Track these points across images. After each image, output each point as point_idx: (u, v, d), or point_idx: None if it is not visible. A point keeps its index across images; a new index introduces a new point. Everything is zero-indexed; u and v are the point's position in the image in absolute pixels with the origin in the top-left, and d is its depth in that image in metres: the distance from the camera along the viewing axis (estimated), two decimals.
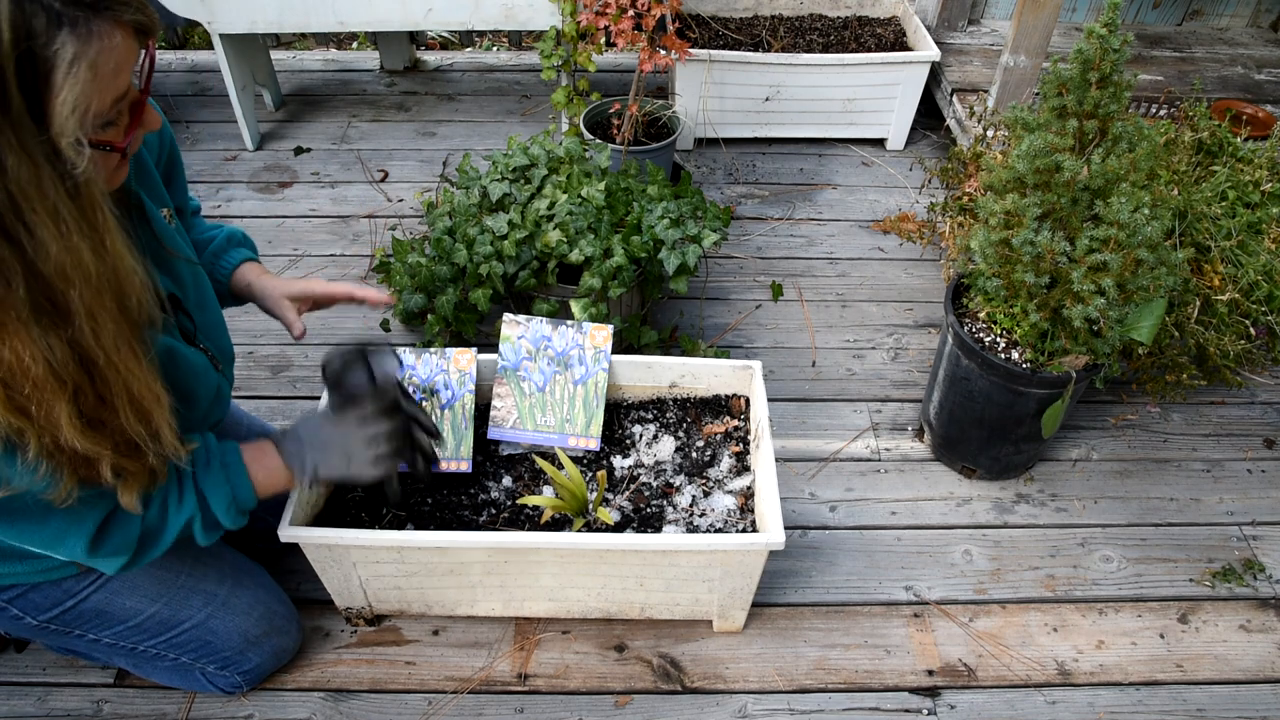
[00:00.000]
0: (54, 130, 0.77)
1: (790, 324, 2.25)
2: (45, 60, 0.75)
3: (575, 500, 1.44)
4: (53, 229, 0.79)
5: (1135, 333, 1.50)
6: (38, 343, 0.82)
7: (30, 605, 1.21)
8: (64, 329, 0.84)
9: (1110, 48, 1.37)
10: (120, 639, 1.30)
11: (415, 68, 3.25)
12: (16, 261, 0.78)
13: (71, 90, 0.77)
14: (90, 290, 0.84)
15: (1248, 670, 1.57)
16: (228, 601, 1.35)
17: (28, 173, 0.76)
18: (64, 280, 0.81)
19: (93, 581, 1.24)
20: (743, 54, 2.64)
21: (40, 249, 0.79)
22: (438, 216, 1.97)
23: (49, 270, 0.80)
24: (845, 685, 1.53)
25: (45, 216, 0.78)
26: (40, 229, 0.78)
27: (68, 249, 0.80)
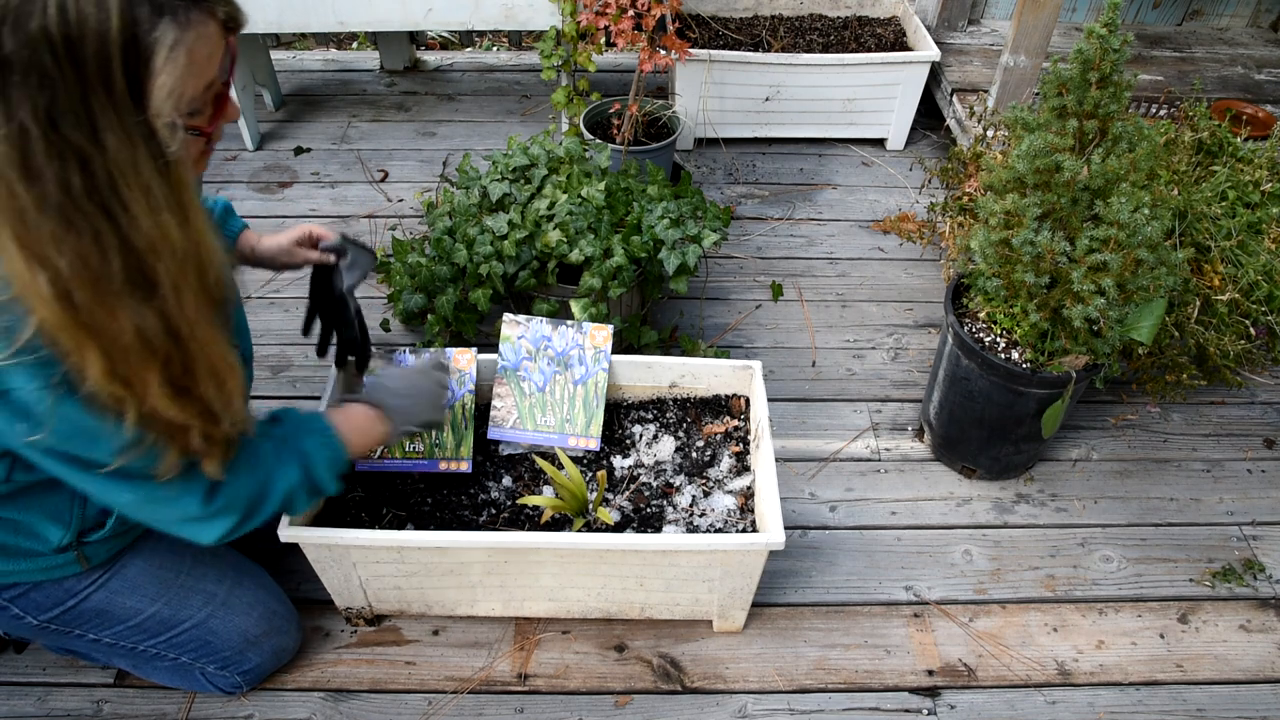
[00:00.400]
0: (151, 112, 0.82)
1: (790, 324, 2.25)
2: (147, 46, 0.80)
3: (575, 500, 1.44)
4: (145, 205, 0.84)
5: (1135, 333, 1.50)
6: (132, 313, 0.87)
7: (32, 605, 1.22)
8: (153, 301, 0.89)
9: (1110, 48, 1.37)
10: (120, 639, 1.30)
11: (415, 68, 3.25)
12: (113, 235, 0.83)
13: (169, 74, 0.82)
14: (176, 264, 0.89)
15: (1248, 670, 1.57)
16: (227, 601, 1.35)
17: (126, 151, 0.81)
18: (153, 254, 0.87)
19: (94, 581, 1.24)
20: (743, 54, 2.64)
21: (133, 223, 0.84)
22: (438, 216, 1.97)
23: (140, 244, 0.85)
24: (845, 685, 1.53)
25: (139, 193, 0.83)
26: (134, 204, 0.83)
27: (158, 224, 0.86)
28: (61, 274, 0.82)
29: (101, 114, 0.79)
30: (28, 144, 0.78)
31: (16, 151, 0.78)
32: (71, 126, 0.78)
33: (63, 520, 1.15)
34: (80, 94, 0.78)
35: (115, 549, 1.26)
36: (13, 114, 0.77)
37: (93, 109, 0.79)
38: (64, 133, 0.78)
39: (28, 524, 1.14)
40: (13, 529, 1.14)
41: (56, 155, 0.78)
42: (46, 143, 0.78)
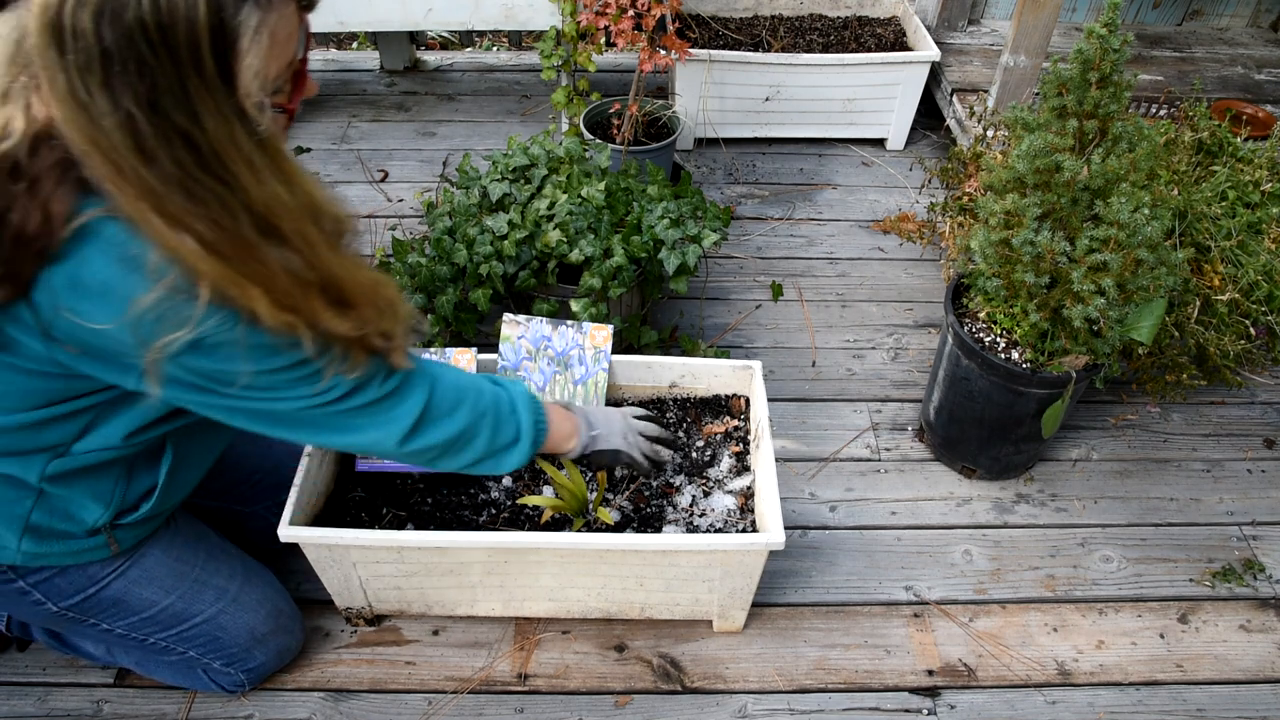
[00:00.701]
0: (240, 93, 0.87)
1: (790, 324, 2.25)
2: (233, 29, 0.84)
3: (575, 500, 1.44)
4: (251, 176, 0.91)
5: (1135, 333, 1.50)
6: (275, 257, 0.95)
7: (55, 590, 1.22)
8: (289, 248, 0.96)
9: (1110, 48, 1.37)
10: (133, 630, 1.31)
11: (415, 68, 3.25)
12: (233, 199, 0.90)
13: (255, 56, 0.87)
14: (293, 220, 0.96)
15: (1248, 670, 1.57)
16: (238, 597, 1.36)
17: (224, 130, 0.87)
18: (272, 214, 0.94)
19: (115, 569, 1.25)
20: (743, 54, 2.64)
21: (245, 191, 0.91)
22: (438, 216, 1.96)
23: (258, 205, 0.92)
24: (845, 685, 1.53)
25: (243, 166, 0.90)
26: (241, 176, 0.90)
27: (265, 191, 0.93)
28: (205, 235, 0.89)
29: (197, 96, 0.84)
30: (137, 129, 0.83)
31: (129, 136, 0.83)
32: (172, 109, 0.84)
33: (104, 500, 1.17)
34: (176, 78, 0.83)
35: (142, 535, 1.27)
36: (119, 102, 0.82)
37: (189, 92, 0.84)
38: (167, 115, 0.84)
39: (68, 503, 1.15)
40: (49, 509, 1.15)
41: (164, 137, 0.84)
42: (153, 126, 0.83)
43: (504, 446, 1.24)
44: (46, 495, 1.14)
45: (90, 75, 0.81)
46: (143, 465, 1.20)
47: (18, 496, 1.13)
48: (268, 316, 0.96)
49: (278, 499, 1.40)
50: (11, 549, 1.15)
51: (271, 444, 1.58)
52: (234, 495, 1.52)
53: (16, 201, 0.88)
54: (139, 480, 1.20)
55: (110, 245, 0.90)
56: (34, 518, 1.14)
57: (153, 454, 1.21)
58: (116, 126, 0.83)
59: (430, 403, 1.16)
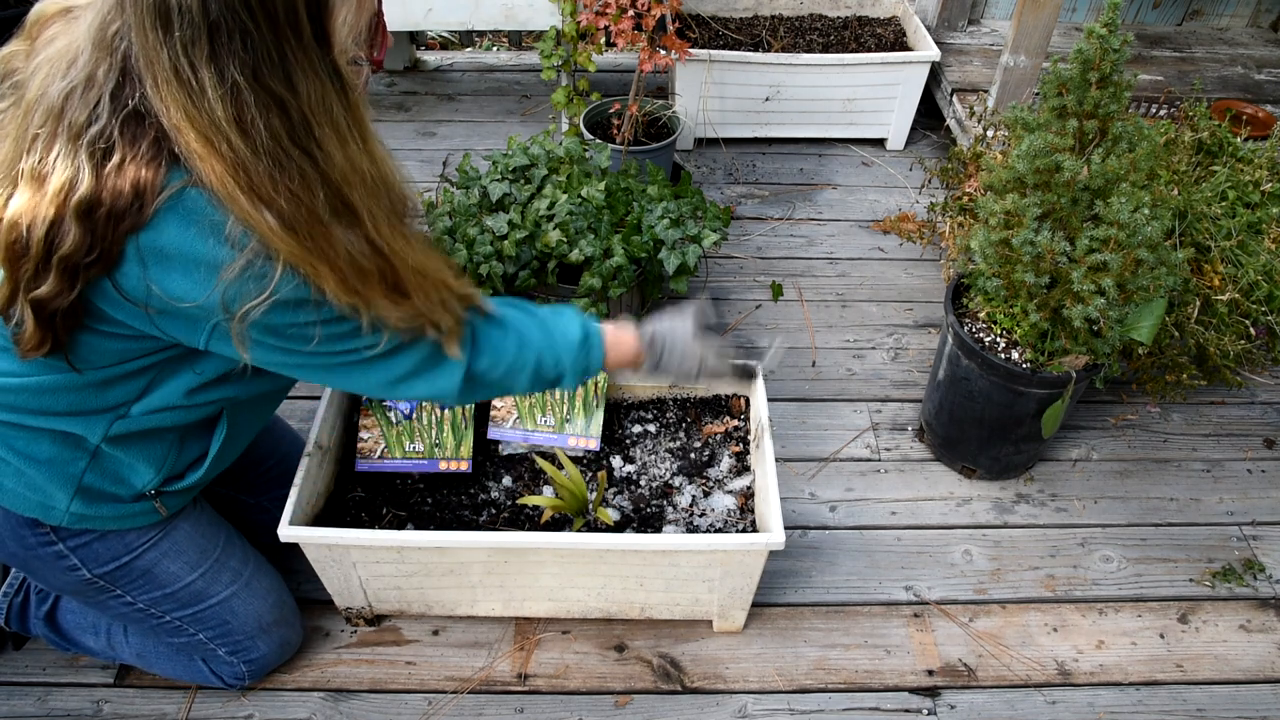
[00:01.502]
0: (335, 51, 0.89)
1: (790, 324, 2.25)
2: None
3: (575, 500, 1.44)
4: (335, 140, 0.92)
5: (1135, 333, 1.50)
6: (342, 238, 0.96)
7: (92, 556, 1.23)
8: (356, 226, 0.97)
9: (1110, 48, 1.37)
10: (154, 605, 1.32)
11: (415, 68, 3.25)
12: (314, 171, 0.92)
13: (345, 9, 0.89)
14: (366, 190, 0.97)
15: (1248, 670, 1.57)
16: (250, 583, 1.38)
17: (317, 91, 0.89)
18: (347, 184, 0.95)
19: (150, 539, 1.27)
20: (743, 54, 2.64)
21: (328, 159, 0.92)
22: (438, 216, 1.96)
23: (336, 177, 0.94)
24: (845, 685, 1.53)
25: (330, 130, 0.92)
26: (327, 141, 0.92)
27: (347, 156, 0.94)
28: (284, 211, 0.90)
29: (294, 60, 0.86)
30: (240, 99, 0.85)
31: (233, 107, 0.85)
32: (270, 77, 0.86)
33: (156, 464, 1.19)
34: (275, 44, 0.85)
35: (182, 504, 1.29)
36: (225, 74, 0.84)
37: (286, 57, 0.86)
38: (266, 83, 0.86)
39: (120, 465, 1.16)
40: (101, 471, 1.16)
41: (262, 106, 0.86)
42: (254, 95, 0.85)
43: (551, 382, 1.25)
44: (101, 456, 1.15)
45: (196, 50, 0.83)
46: (195, 434, 1.22)
47: (74, 457, 1.14)
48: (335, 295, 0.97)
49: (282, 492, 1.41)
50: (61, 509, 1.16)
51: (281, 435, 1.59)
52: (243, 482, 1.52)
53: (108, 180, 0.89)
54: (190, 448, 1.22)
55: (193, 214, 0.91)
56: (87, 478, 1.15)
57: (208, 423, 1.22)
58: (219, 99, 0.85)
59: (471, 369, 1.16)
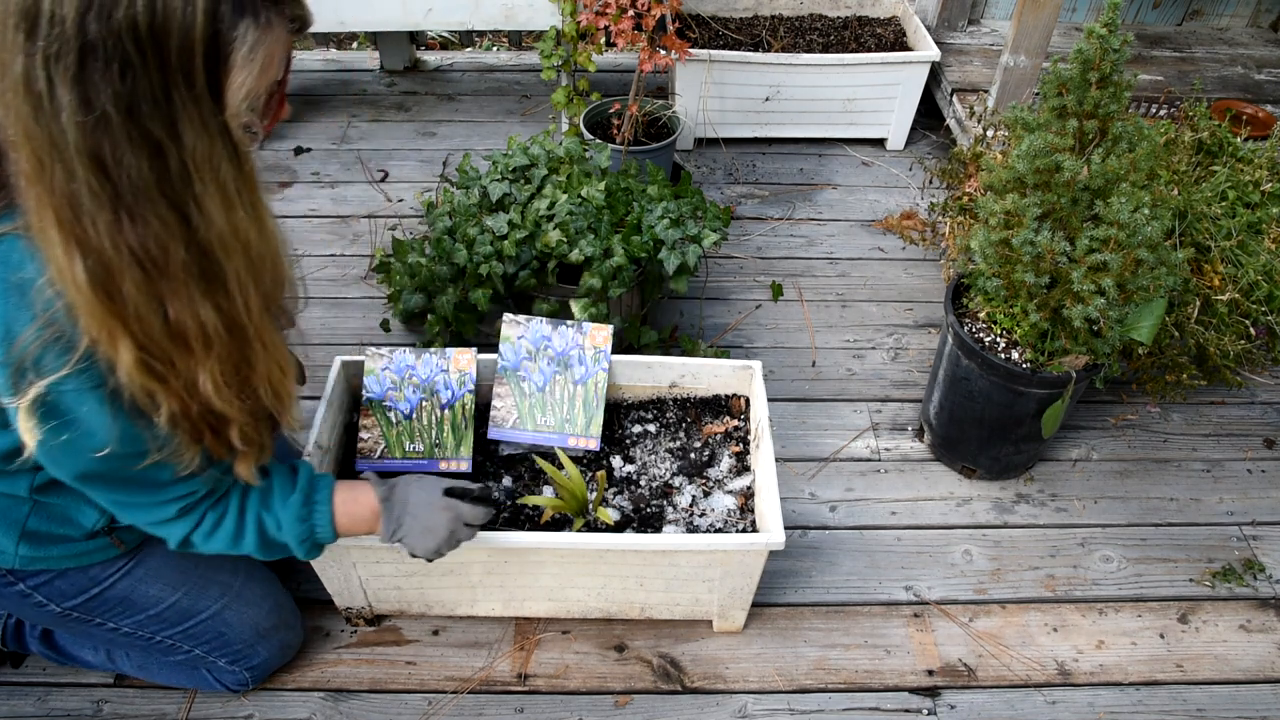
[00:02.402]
0: (229, 112, 0.84)
1: (790, 324, 2.25)
2: (228, 43, 0.81)
3: (575, 500, 1.44)
4: (220, 201, 0.86)
5: (1135, 333, 1.50)
6: (193, 305, 0.88)
7: (56, 592, 1.22)
8: (217, 296, 0.90)
9: (1110, 48, 1.37)
10: (139, 628, 1.31)
11: (415, 68, 3.25)
12: (179, 228, 0.84)
13: (247, 73, 0.83)
14: (247, 263, 0.91)
15: (1248, 670, 1.57)
16: (241, 593, 1.36)
17: (204, 146, 0.83)
18: (224, 251, 0.88)
19: (119, 569, 1.25)
20: (743, 54, 2.64)
21: (207, 218, 0.85)
22: (438, 216, 1.96)
23: (212, 239, 0.87)
24: (845, 685, 1.53)
25: (215, 189, 0.85)
26: (208, 200, 0.85)
27: (231, 222, 0.88)
28: (105, 261, 0.82)
29: (181, 107, 0.80)
30: (107, 131, 0.78)
31: (94, 139, 0.79)
32: (150, 117, 0.79)
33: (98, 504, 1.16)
34: (162, 85, 0.79)
35: (143, 536, 1.26)
36: (94, 102, 0.77)
37: (173, 101, 0.80)
38: (143, 122, 0.79)
39: (63, 509, 1.15)
40: (46, 515, 1.14)
41: (131, 144, 0.79)
42: (125, 132, 0.79)
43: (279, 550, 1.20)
44: (40, 504, 1.13)
45: (58, 66, 0.76)
46: None
47: (14, 505, 1.12)
48: (126, 372, 0.88)
49: None
50: (9, 553, 1.14)
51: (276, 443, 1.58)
52: None
53: None
54: None
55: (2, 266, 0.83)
56: (31, 523, 1.14)
57: None
58: (76, 125, 0.78)
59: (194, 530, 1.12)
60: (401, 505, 1.25)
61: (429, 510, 1.25)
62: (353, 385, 1.61)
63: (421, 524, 1.24)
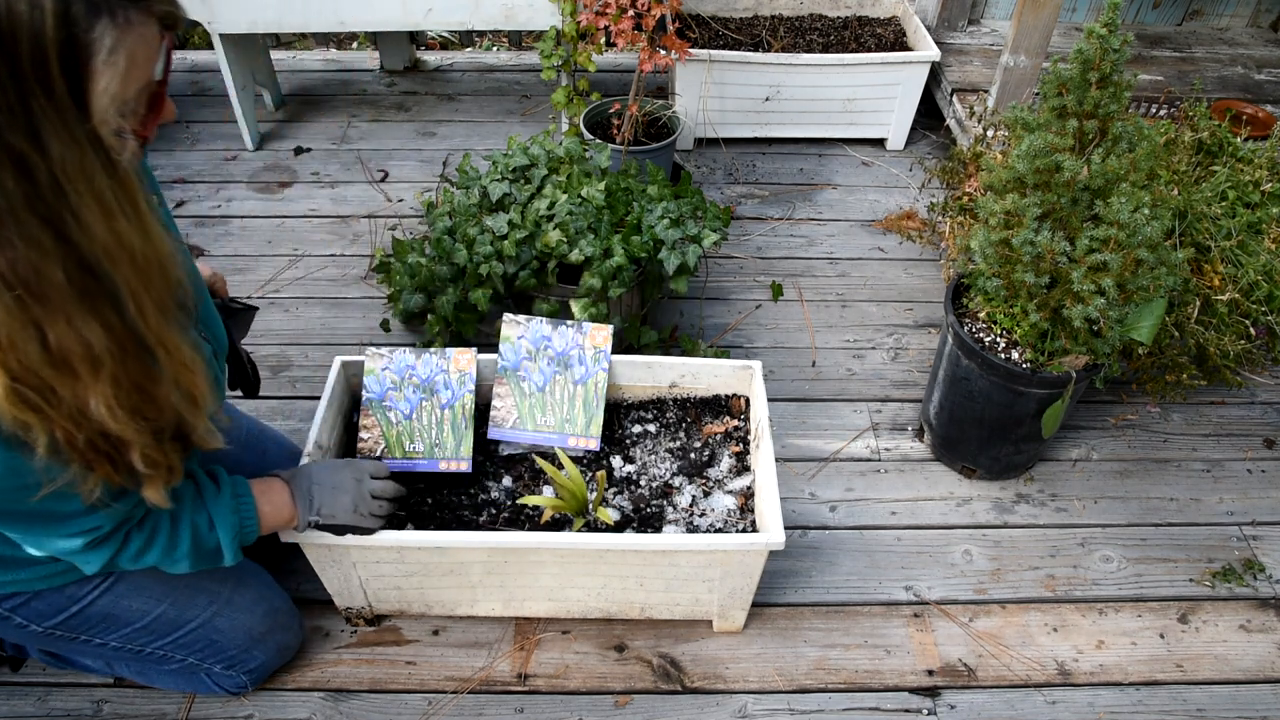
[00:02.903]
0: (95, 119, 0.79)
1: (790, 324, 2.25)
2: (85, 47, 0.76)
3: (575, 500, 1.44)
4: (98, 211, 0.80)
5: (1135, 333, 1.50)
6: (76, 327, 0.83)
7: (34, 613, 1.21)
8: (109, 312, 0.85)
9: (1110, 48, 1.37)
10: (128, 641, 1.30)
11: (415, 68, 3.25)
12: (54, 244, 0.79)
13: (110, 77, 0.78)
14: (135, 271, 0.85)
15: (1248, 670, 1.57)
16: (231, 599, 1.35)
17: (74, 156, 0.77)
18: (110, 261, 0.83)
19: (97, 586, 1.24)
20: (743, 54, 2.64)
21: (86, 231, 0.80)
22: (438, 216, 1.96)
23: (95, 251, 0.81)
24: (845, 685, 1.53)
25: (91, 200, 0.79)
26: (85, 212, 0.79)
27: (113, 231, 0.82)
28: None
29: (43, 117, 0.75)
30: None
31: None
32: (9, 129, 0.74)
33: None
34: (17, 95, 0.73)
35: None
36: None
37: (32, 111, 0.74)
38: (2, 136, 0.74)
39: None
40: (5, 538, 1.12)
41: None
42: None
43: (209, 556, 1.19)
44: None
45: None
46: None
47: None
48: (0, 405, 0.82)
49: None
50: None
51: (267, 450, 1.57)
52: None
53: None
54: None
55: None
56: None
57: None
58: None
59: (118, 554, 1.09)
60: (306, 477, 1.29)
61: (329, 471, 1.31)
62: (353, 385, 1.61)
63: (329, 484, 1.29)
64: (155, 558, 1.13)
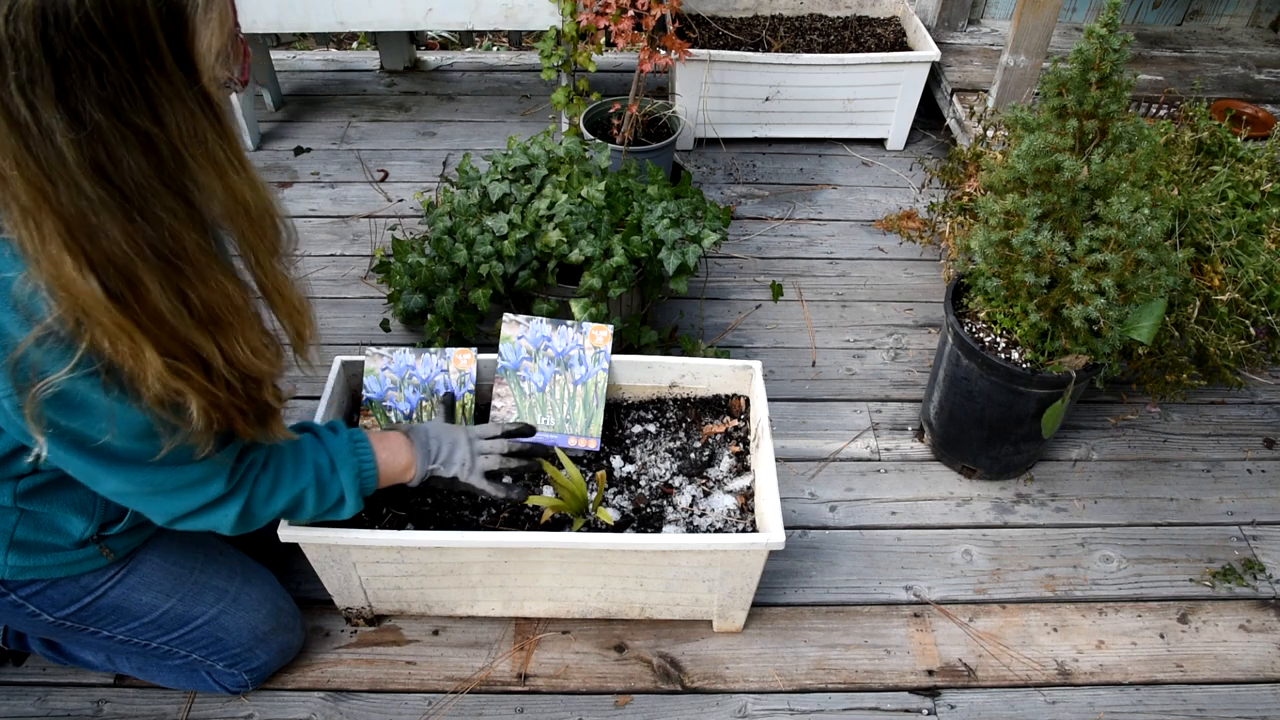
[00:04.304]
0: (203, 77, 0.81)
1: (790, 324, 2.25)
2: (181, 7, 0.78)
3: (575, 500, 1.44)
4: (214, 172, 0.84)
5: (1135, 333, 1.50)
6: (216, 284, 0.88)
7: (48, 602, 1.22)
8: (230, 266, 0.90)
9: (1110, 48, 1.37)
10: (135, 635, 1.30)
11: (415, 68, 3.25)
12: (185, 212, 0.83)
13: (209, 32, 0.81)
14: (250, 224, 0.90)
15: (1248, 670, 1.57)
16: (238, 598, 1.36)
17: (188, 123, 0.80)
18: (230, 219, 0.87)
19: (111, 577, 1.25)
20: (743, 54, 2.64)
21: (206, 193, 0.84)
22: (438, 216, 1.97)
23: (218, 212, 0.86)
24: (845, 685, 1.53)
25: (206, 162, 0.83)
26: (203, 174, 0.83)
27: (229, 189, 0.86)
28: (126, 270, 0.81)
29: (158, 90, 0.78)
30: (101, 139, 0.76)
31: (91, 150, 0.76)
32: (133, 111, 0.77)
33: (86, 512, 1.16)
34: (134, 74, 0.76)
35: (135, 543, 1.26)
36: (81, 115, 0.75)
37: (149, 87, 0.77)
38: (128, 118, 0.77)
39: (50, 518, 1.14)
40: (34, 524, 1.14)
41: (125, 143, 0.77)
42: (117, 133, 0.77)
43: (332, 506, 1.23)
44: (26, 513, 1.12)
45: (38, 90, 0.73)
46: None
47: (2, 514, 1.11)
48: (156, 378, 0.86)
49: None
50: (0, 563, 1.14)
51: None
52: None
53: None
54: None
55: None
56: (19, 533, 1.13)
57: None
58: (70, 143, 0.75)
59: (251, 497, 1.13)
60: (423, 431, 1.35)
61: (443, 429, 1.36)
62: (353, 385, 1.61)
63: (448, 440, 1.34)
64: (284, 499, 1.16)
